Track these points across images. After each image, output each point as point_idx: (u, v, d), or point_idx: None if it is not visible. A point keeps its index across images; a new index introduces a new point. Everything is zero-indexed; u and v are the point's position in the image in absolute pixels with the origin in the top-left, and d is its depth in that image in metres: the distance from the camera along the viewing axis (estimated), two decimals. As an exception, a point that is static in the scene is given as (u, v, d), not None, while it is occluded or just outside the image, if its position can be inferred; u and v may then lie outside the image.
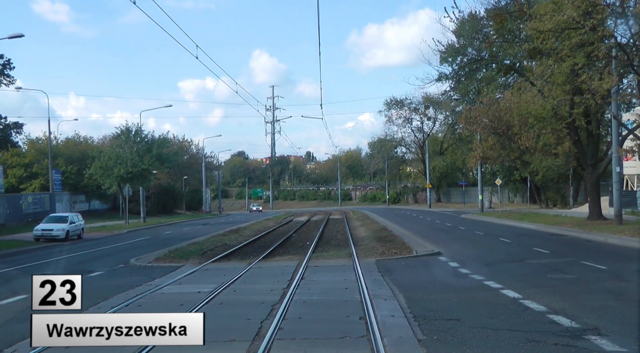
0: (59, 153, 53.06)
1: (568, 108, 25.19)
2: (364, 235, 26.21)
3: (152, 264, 16.67)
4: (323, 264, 15.58)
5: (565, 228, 25.42)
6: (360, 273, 13.07)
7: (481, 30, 29.36)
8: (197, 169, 77.28)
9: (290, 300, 10.03)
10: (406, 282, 12.08)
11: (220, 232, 30.26)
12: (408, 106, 79.47)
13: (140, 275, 14.37)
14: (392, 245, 19.53)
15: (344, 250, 19.26)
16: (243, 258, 17.89)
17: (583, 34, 19.89)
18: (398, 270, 14.03)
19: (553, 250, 18.01)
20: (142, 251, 21.13)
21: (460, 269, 13.81)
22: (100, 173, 41.54)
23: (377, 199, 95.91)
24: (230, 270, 14.62)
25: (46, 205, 45.35)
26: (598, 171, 27.56)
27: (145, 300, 10.56)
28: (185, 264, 16.52)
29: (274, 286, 11.71)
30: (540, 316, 8.40)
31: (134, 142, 43.07)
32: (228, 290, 11.50)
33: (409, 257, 16.54)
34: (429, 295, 10.43)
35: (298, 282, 12.14)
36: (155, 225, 43.96)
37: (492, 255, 17.14)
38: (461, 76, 37.02)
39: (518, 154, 45.12)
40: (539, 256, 16.33)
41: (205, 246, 21.80)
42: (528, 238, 22.48)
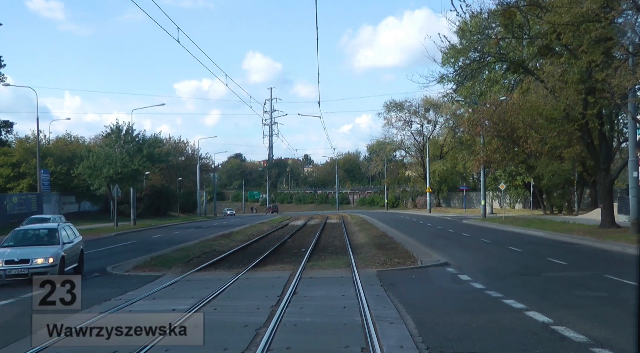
0: (48, 153, 51.50)
1: (581, 109, 23.70)
2: (363, 241, 24.66)
3: (130, 273, 15.11)
4: (319, 275, 14.03)
5: (577, 236, 23.92)
6: (360, 287, 11.54)
7: (484, 31, 27.87)
8: (192, 170, 75.66)
9: (279, 322, 8.50)
10: (413, 299, 10.54)
11: (211, 236, 28.69)
12: (408, 108, 78.17)
13: (113, 287, 12.79)
14: (394, 253, 17.99)
15: (342, 258, 17.72)
16: (231, 266, 16.34)
17: (602, 28, 18.39)
18: (403, 284, 12.48)
19: (569, 260, 16.48)
20: (124, 257, 19.58)
21: (473, 283, 12.27)
22: (88, 173, 39.87)
23: (375, 203, 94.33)
24: (214, 282, 13.07)
25: (33, 206, 43.74)
26: (612, 176, 26.06)
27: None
28: (167, 273, 14.96)
29: (262, 303, 10.16)
30: (584, 350, 6.86)
31: (124, 141, 41.42)
32: (208, 307, 9.95)
33: (414, 268, 14.98)
34: (442, 317, 8.88)
35: (289, 298, 10.60)
36: (146, 227, 42.35)
37: (504, 266, 15.61)
38: (463, 78, 35.55)
39: (523, 158, 43.75)
40: (556, 268, 14.80)
41: (192, 252, 20.24)
42: (539, 247, 20.97)
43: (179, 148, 78.99)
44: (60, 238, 14.73)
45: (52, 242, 14.53)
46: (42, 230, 15.71)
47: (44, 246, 14.28)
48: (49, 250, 13.99)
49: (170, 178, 74.64)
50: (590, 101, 23.46)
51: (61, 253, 14.04)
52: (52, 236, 14.84)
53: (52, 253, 13.78)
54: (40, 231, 15.57)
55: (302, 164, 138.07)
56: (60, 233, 14.88)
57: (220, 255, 19.22)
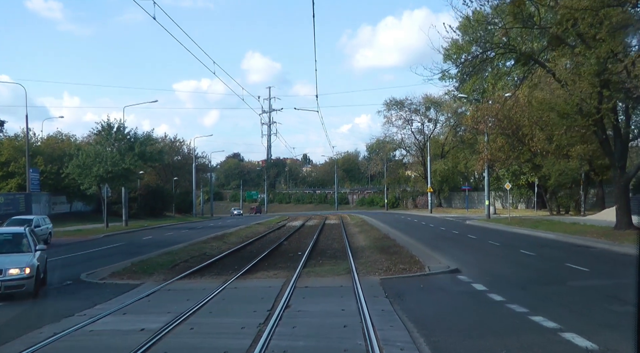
0: (38, 151, 49.93)
1: (596, 103, 22.24)
2: (363, 244, 23.17)
3: (105, 281, 13.60)
4: (315, 284, 12.54)
5: (590, 239, 22.46)
6: (362, 299, 10.08)
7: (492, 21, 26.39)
8: (188, 170, 74.06)
9: (266, 347, 7.02)
10: (425, 316, 9.07)
11: (203, 238, 27.17)
12: (408, 106, 76.60)
13: (81, 298, 11.30)
14: (399, 257, 16.51)
15: (342, 263, 16.23)
16: (219, 273, 14.86)
17: (623, 13, 16.93)
18: (411, 295, 10.99)
19: (590, 266, 15.01)
20: (106, 261, 18.07)
21: (490, 294, 10.79)
22: (77, 172, 38.30)
23: (374, 204, 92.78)
24: (197, 292, 11.58)
25: (21, 206, 42.07)
26: (628, 174, 24.57)
27: (61, 344, 7.49)
28: (147, 281, 13.48)
29: (248, 321, 8.69)
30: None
31: (115, 139, 39.84)
32: (184, 326, 8.46)
33: (421, 275, 13.49)
34: (462, 340, 7.40)
35: (281, 313, 9.12)
36: (138, 228, 40.83)
37: (522, 273, 14.14)
38: (465, 74, 34.07)
39: (529, 157, 42.27)
40: (579, 276, 13.34)
41: (179, 256, 18.76)
42: (553, 251, 19.51)
43: (175, 147, 77.34)
44: (34, 224, 12.37)
45: (22, 249, 12.49)
46: (25, 219, 13.59)
47: (14, 254, 12.06)
48: (22, 258, 11.93)
49: (166, 177, 73.03)
50: (606, 95, 22.03)
51: (35, 263, 12.02)
52: (19, 242, 12.79)
53: (27, 263, 11.66)
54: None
55: (301, 164, 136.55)
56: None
57: (209, 260, 17.74)
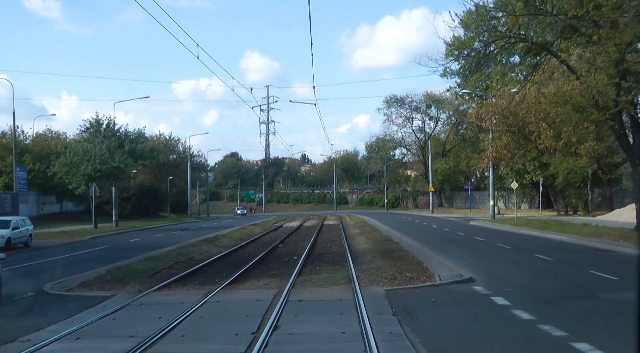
0: (26, 149, 48.36)
1: (614, 95, 20.67)
2: (364, 247, 21.56)
3: (72, 293, 11.96)
4: (311, 296, 10.93)
5: (607, 241, 20.87)
6: (366, 317, 8.49)
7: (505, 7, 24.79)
8: (184, 169, 72.40)
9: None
10: (442, 341, 7.46)
11: (192, 241, 25.51)
12: (409, 104, 74.95)
13: (36, 316, 9.69)
14: (404, 263, 14.90)
15: (341, 270, 14.63)
16: (204, 282, 13.27)
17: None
18: (422, 312, 9.37)
19: (618, 274, 13.36)
20: (82, 267, 16.47)
21: (515, 311, 9.18)
22: (65, 170, 36.64)
23: (374, 203, 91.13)
24: (173, 307, 9.98)
25: (7, 206, 40.36)
26: (649, 172, 22.98)
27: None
28: (119, 292, 11.86)
29: (226, 349, 7.07)
30: None
31: (104, 136, 38.19)
32: (146, 356, 6.86)
33: (432, 286, 11.87)
34: (495, 381, 5.80)
35: (267, 338, 7.51)
36: (128, 229, 39.21)
37: (544, 282, 12.54)
38: (468, 70, 32.46)
39: (535, 155, 40.72)
40: (609, 287, 11.75)
41: (162, 261, 17.14)
42: (570, 255, 17.93)
43: (170, 145, 75.64)
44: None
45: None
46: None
47: None
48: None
49: (161, 177, 71.34)
50: (625, 86, 20.48)
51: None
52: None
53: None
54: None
55: (300, 163, 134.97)
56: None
57: (196, 266, 16.16)
